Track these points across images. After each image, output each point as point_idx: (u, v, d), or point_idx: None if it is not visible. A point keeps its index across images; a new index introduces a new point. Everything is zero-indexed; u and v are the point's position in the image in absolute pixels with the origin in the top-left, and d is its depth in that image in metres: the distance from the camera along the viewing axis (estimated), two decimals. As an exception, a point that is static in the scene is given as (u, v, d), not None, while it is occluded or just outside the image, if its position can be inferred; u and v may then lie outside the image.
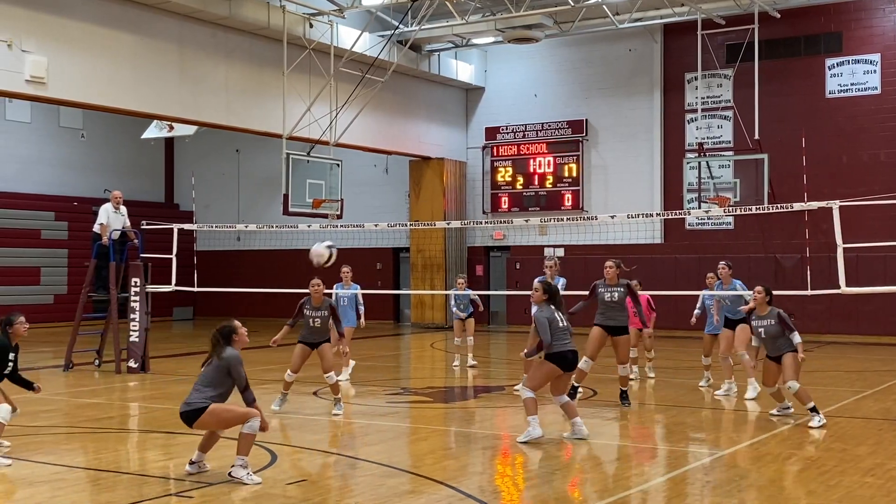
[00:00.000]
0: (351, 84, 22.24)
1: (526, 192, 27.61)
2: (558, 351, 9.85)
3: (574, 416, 10.09)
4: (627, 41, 26.25)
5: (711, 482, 8.26)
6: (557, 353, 9.85)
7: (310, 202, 21.83)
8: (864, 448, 9.55)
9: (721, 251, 24.78)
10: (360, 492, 7.82)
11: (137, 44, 19.40)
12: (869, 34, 23.77)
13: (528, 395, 9.91)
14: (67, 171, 30.59)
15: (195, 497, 7.55)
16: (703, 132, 24.46)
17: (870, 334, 22.46)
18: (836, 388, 14.43)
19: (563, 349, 9.86)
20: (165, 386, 14.77)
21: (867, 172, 23.33)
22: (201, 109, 20.96)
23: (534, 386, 9.97)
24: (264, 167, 30.58)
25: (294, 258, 29.79)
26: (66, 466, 8.81)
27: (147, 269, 16.97)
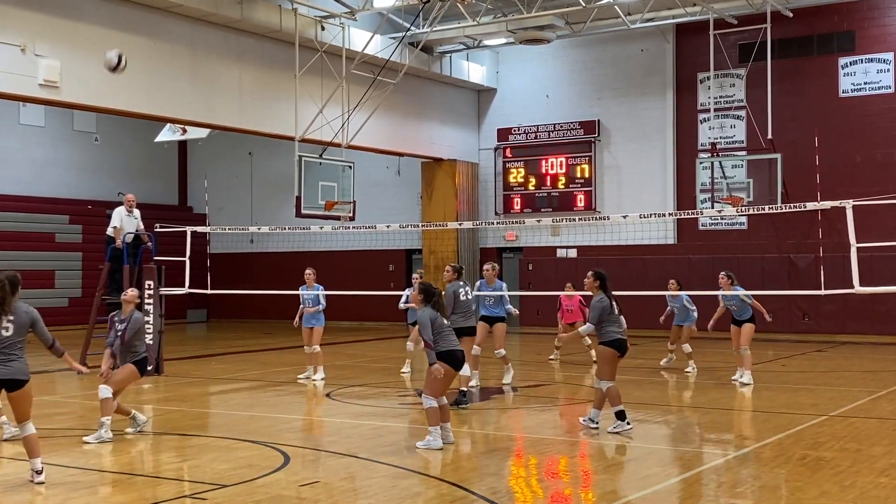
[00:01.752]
0: (363, 86, 22.27)
1: (538, 192, 27.59)
2: (446, 349, 9.75)
3: (446, 421, 9.89)
4: (639, 41, 26.20)
5: (725, 483, 8.23)
6: (445, 350, 9.75)
7: (322, 204, 21.86)
8: (878, 448, 9.50)
9: (734, 251, 24.77)
10: (373, 493, 7.83)
11: (150, 47, 19.46)
12: (882, 33, 23.67)
13: (431, 403, 9.72)
14: (81, 174, 30.72)
15: (209, 499, 7.57)
16: (716, 132, 24.39)
17: (884, 334, 22.35)
18: (851, 388, 14.37)
19: (450, 347, 9.80)
20: (179, 388, 14.82)
21: (881, 172, 23.23)
22: (214, 112, 21.01)
23: (435, 393, 9.75)
24: (277, 169, 30.63)
25: (307, 260, 29.83)
26: (80, 469, 8.84)
27: (160, 272, 17.03)
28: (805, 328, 23.77)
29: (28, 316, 8.22)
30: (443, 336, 9.80)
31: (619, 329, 10.64)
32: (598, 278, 10.64)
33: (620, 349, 10.55)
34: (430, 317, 9.78)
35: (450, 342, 9.83)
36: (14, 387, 8.09)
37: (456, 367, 9.89)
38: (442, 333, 9.80)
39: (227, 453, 9.49)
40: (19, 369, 8.08)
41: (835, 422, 11.15)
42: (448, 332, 9.87)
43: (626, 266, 24.62)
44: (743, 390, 14.04)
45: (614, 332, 10.54)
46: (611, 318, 10.52)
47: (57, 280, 29.17)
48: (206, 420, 12.13)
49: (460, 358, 9.94)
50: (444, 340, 9.79)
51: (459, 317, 12.47)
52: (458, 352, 9.93)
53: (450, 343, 9.83)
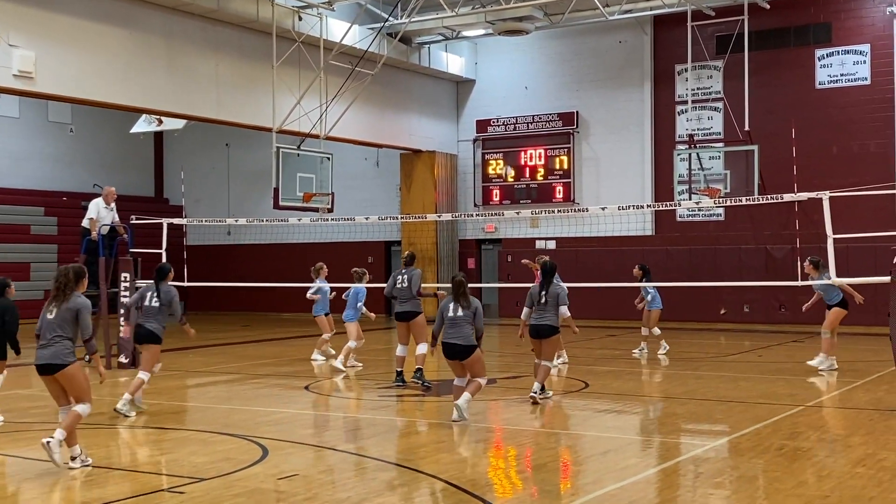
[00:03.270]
0: (341, 77, 22.18)
1: (517, 184, 27.59)
2: (443, 340, 10.59)
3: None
4: (618, 33, 26.23)
5: (704, 473, 8.26)
6: (442, 341, 10.60)
7: (300, 196, 21.78)
8: (855, 438, 9.57)
9: (712, 242, 24.89)
10: (352, 486, 7.81)
11: (126, 38, 19.31)
12: (858, 25, 23.79)
13: (455, 382, 10.72)
14: (56, 165, 30.47)
15: (186, 492, 7.52)
16: (694, 124, 24.46)
17: (860, 325, 22.49)
18: (828, 378, 14.46)
19: (445, 339, 10.55)
20: (156, 381, 14.71)
21: (857, 163, 23.37)
22: (190, 103, 20.87)
23: (455, 372, 10.69)
24: (254, 161, 30.48)
25: (285, 252, 29.78)
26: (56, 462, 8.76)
27: (137, 264, 16.91)
28: (782, 319, 23.91)
29: (75, 305, 8.51)
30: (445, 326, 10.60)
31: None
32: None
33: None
34: (441, 307, 10.66)
35: (446, 334, 10.55)
36: (48, 371, 8.43)
37: (446, 356, 10.60)
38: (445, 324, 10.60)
39: (205, 447, 9.44)
40: (55, 353, 8.38)
41: (812, 412, 11.22)
42: (449, 322, 10.55)
43: (605, 257, 24.68)
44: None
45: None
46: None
47: (32, 272, 28.91)
48: (183, 413, 12.07)
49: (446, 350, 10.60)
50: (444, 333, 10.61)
51: (397, 302, 13.80)
52: (445, 343, 10.58)
53: (445, 335, 10.55)
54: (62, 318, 8.46)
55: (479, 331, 10.50)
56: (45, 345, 8.44)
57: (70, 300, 8.52)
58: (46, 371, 8.47)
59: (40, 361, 8.46)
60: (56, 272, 8.72)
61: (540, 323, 11.70)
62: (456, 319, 10.44)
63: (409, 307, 13.61)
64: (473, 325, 10.46)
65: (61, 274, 8.64)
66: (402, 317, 13.65)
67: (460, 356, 10.45)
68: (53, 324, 8.45)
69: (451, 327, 10.46)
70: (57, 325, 8.44)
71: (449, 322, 10.48)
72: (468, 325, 10.42)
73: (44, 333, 8.48)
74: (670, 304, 24.16)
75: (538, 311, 11.70)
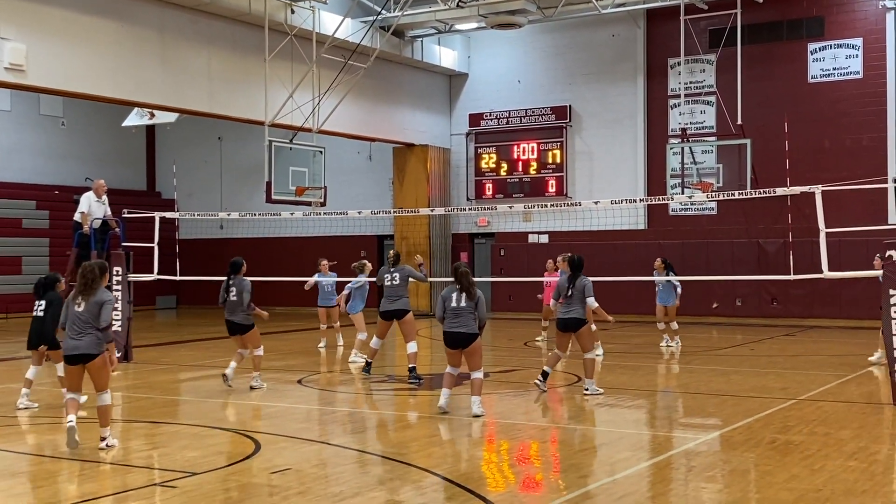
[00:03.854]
0: (333, 71, 22.14)
1: (510, 178, 27.58)
2: (444, 330, 10.62)
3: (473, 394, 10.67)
4: (611, 27, 26.21)
5: (696, 467, 8.28)
6: (444, 331, 10.63)
7: (293, 190, 21.74)
8: (847, 432, 9.59)
9: (704, 237, 24.92)
10: (345, 480, 7.80)
11: (117, 31, 19.23)
12: (851, 19, 23.81)
13: (448, 370, 10.79)
14: (48, 159, 30.37)
15: (179, 487, 7.51)
16: (687, 118, 24.46)
17: (852, 318, 22.56)
18: (820, 372, 14.51)
19: (447, 328, 10.57)
20: (149, 375, 14.70)
21: (850, 157, 23.41)
22: (182, 97, 20.81)
23: (449, 362, 10.76)
24: (247, 155, 30.43)
25: (278, 246, 29.74)
26: (48, 457, 8.75)
27: (129, 258, 16.87)
28: (774, 312, 23.96)
29: (101, 299, 8.96)
30: (446, 315, 10.56)
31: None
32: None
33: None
34: (443, 295, 10.67)
35: (448, 323, 10.53)
36: (80, 360, 8.90)
37: (448, 345, 10.60)
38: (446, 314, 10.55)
39: (197, 441, 9.43)
40: (88, 345, 8.85)
41: (804, 405, 11.25)
42: (451, 312, 10.51)
43: (598, 251, 24.68)
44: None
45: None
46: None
47: (24, 266, 28.84)
48: (176, 407, 12.05)
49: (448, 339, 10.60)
50: (445, 321, 10.59)
51: (385, 300, 13.61)
52: (447, 333, 10.59)
53: (448, 324, 10.53)
54: (90, 311, 8.91)
55: (482, 320, 10.56)
56: (76, 336, 8.89)
57: (97, 294, 8.97)
58: (77, 361, 8.93)
59: (73, 352, 8.90)
60: (81, 268, 9.12)
61: (567, 316, 11.83)
62: (459, 309, 10.45)
63: (399, 305, 13.57)
64: (476, 315, 10.47)
65: (87, 270, 9.06)
66: (391, 315, 13.57)
67: (463, 345, 10.47)
68: (83, 316, 8.89)
69: (454, 317, 10.46)
70: (87, 318, 8.89)
71: (452, 312, 10.47)
72: (471, 314, 10.45)
73: (72, 325, 8.92)
74: (663, 297, 24.34)
75: (565, 305, 11.83)
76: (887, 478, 7.92)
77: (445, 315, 10.52)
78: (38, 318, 11.20)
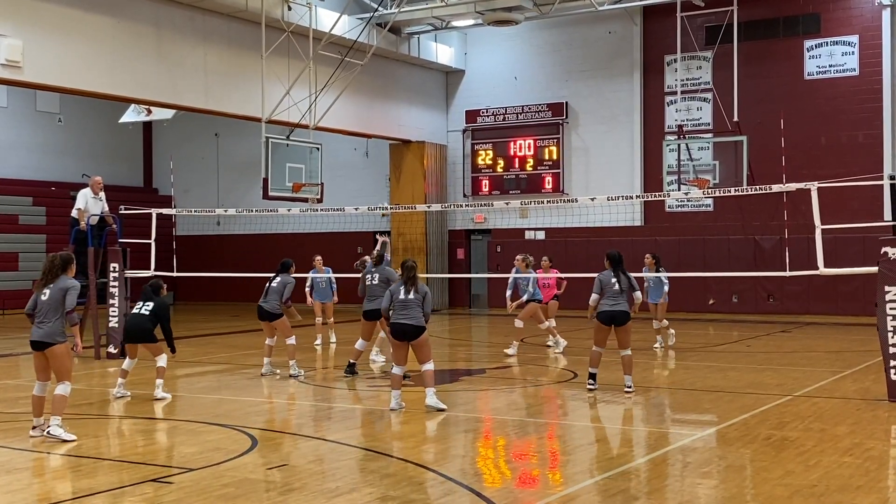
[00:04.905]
0: (330, 67, 22.13)
1: (507, 175, 27.60)
2: (391, 321, 10.75)
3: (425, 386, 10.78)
4: (607, 23, 26.22)
5: (692, 463, 8.30)
6: (390, 322, 10.76)
7: (290, 186, 21.74)
8: (842, 428, 9.61)
9: (701, 233, 24.96)
10: (341, 476, 7.82)
11: (114, 27, 19.22)
12: (847, 16, 23.83)
13: (394, 370, 10.85)
14: (45, 155, 30.34)
15: (175, 483, 7.52)
16: (683, 114, 24.49)
17: (848, 315, 22.61)
18: (815, 368, 14.53)
19: (394, 320, 10.70)
20: (145, 371, 14.69)
21: (846, 154, 23.44)
22: (179, 93, 20.80)
23: (394, 360, 10.87)
24: (244, 151, 30.42)
25: (274, 242, 29.74)
26: (45, 453, 8.76)
27: (126, 255, 16.86)
28: (770, 309, 24.00)
29: (65, 285, 9.18)
30: (394, 307, 10.75)
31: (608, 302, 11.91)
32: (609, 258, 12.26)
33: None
34: (392, 290, 10.86)
35: (397, 314, 10.68)
36: (42, 347, 9.09)
37: (395, 336, 10.75)
38: (394, 306, 10.74)
39: (194, 437, 9.44)
40: (48, 332, 9.05)
41: (799, 402, 11.27)
42: (400, 305, 10.69)
43: (594, 248, 24.67)
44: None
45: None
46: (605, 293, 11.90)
47: (21, 262, 28.82)
48: (172, 403, 12.04)
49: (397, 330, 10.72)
50: (394, 313, 10.74)
51: (366, 300, 13.68)
52: (397, 324, 10.71)
53: (396, 315, 10.68)
54: (55, 298, 9.12)
55: (427, 315, 10.77)
56: (40, 324, 9.10)
57: (59, 281, 9.20)
58: (38, 347, 9.16)
59: (34, 338, 9.13)
60: (48, 259, 9.41)
61: (615, 309, 11.85)
62: (407, 302, 10.67)
63: (377, 305, 13.44)
64: (422, 309, 10.68)
65: (49, 260, 9.38)
66: (373, 315, 13.49)
67: (410, 336, 10.65)
68: (47, 305, 9.10)
69: (401, 309, 10.67)
70: (51, 306, 9.10)
71: (400, 304, 10.69)
72: (418, 307, 10.66)
73: (39, 313, 9.13)
74: (659, 294, 24.34)
75: (612, 298, 11.84)
76: (882, 473, 7.94)
77: (393, 307, 10.73)
78: (137, 315, 11.90)
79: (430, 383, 10.72)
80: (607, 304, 11.87)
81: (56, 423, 9.02)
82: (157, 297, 11.97)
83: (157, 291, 12.06)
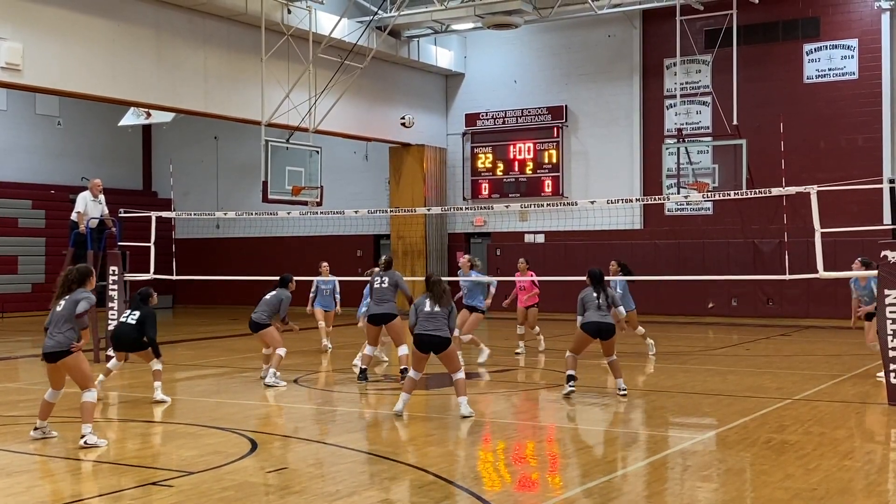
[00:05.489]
0: (330, 70, 22.14)
1: (506, 178, 27.61)
2: (416, 332, 10.69)
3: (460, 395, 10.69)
4: (607, 27, 26.24)
5: (692, 466, 8.29)
6: (415, 333, 10.71)
7: (289, 189, 21.74)
8: (842, 431, 9.61)
9: (700, 237, 24.96)
10: (341, 479, 7.81)
11: (114, 30, 19.23)
12: (846, 19, 23.86)
13: (410, 374, 10.84)
14: (44, 158, 30.35)
15: (175, 486, 7.52)
16: (682, 118, 24.50)
17: (847, 318, 22.54)
18: (815, 371, 14.53)
19: (421, 331, 10.63)
20: (144, 375, 14.68)
21: (845, 157, 23.45)
22: (178, 96, 20.81)
23: (413, 366, 10.86)
24: (243, 154, 30.42)
25: (274, 245, 29.74)
26: (44, 456, 8.75)
27: (125, 258, 16.86)
28: (769, 312, 24.00)
29: (78, 297, 9.14)
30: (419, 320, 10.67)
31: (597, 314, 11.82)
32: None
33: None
34: (416, 303, 10.80)
35: (421, 326, 10.60)
36: (54, 358, 9.03)
37: (420, 348, 10.62)
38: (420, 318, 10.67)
39: (193, 440, 9.44)
40: (59, 342, 8.98)
41: (799, 405, 11.27)
42: (425, 317, 10.63)
43: (594, 251, 24.70)
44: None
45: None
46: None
47: (20, 266, 28.83)
48: (172, 407, 12.04)
49: (424, 341, 10.59)
50: (418, 325, 10.65)
51: (373, 303, 13.53)
52: (423, 335, 10.60)
53: (421, 328, 10.60)
54: (68, 309, 9.11)
55: (451, 328, 10.78)
56: (52, 334, 9.05)
57: (74, 293, 9.17)
58: (51, 359, 9.09)
59: (46, 350, 9.07)
60: (65, 272, 9.39)
61: (605, 321, 11.85)
62: (434, 314, 10.61)
63: (386, 309, 13.39)
64: (447, 322, 10.64)
65: (69, 272, 9.37)
66: (379, 319, 13.38)
67: (437, 348, 10.57)
68: (61, 316, 9.09)
69: (428, 321, 10.60)
70: (64, 317, 9.07)
71: (425, 316, 10.63)
72: (444, 319, 10.61)
73: (52, 325, 9.11)
74: (658, 298, 24.35)
75: (598, 311, 11.82)
76: (882, 477, 7.94)
77: (418, 319, 10.70)
78: (124, 324, 11.90)
79: (462, 392, 10.61)
80: (596, 316, 11.81)
81: (89, 432, 8.96)
82: (146, 307, 11.87)
83: (145, 300, 11.96)
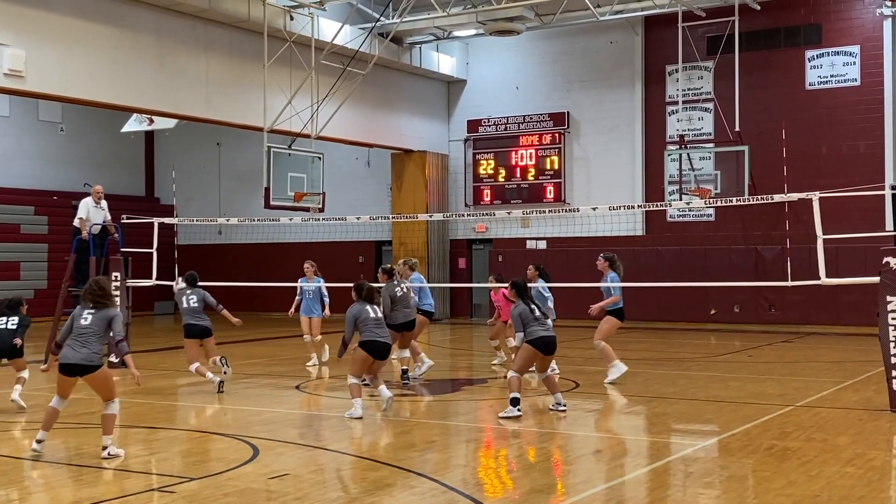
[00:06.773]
0: (332, 77, 22.17)
1: (508, 184, 27.62)
2: (366, 339, 10.99)
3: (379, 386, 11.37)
4: (609, 33, 26.27)
5: (693, 473, 8.29)
6: (365, 341, 11.00)
7: (291, 195, 21.74)
8: (844, 438, 9.60)
9: (702, 243, 24.95)
10: (343, 485, 7.81)
11: (116, 36, 19.26)
12: (848, 26, 23.87)
13: (352, 381, 11.05)
14: (47, 164, 30.37)
15: (177, 492, 7.52)
16: (685, 124, 24.51)
17: (850, 325, 22.59)
18: (817, 378, 14.52)
19: (370, 338, 10.97)
20: (147, 381, 14.66)
21: (847, 164, 23.45)
22: (181, 103, 20.83)
23: (355, 373, 11.09)
24: (245, 160, 30.44)
25: (276, 252, 29.73)
26: (47, 462, 8.75)
27: (128, 264, 16.87)
28: (772, 319, 23.98)
29: (109, 314, 9.03)
30: (364, 328, 11.04)
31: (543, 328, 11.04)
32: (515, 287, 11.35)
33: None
34: (354, 313, 11.09)
35: (372, 333, 11.02)
36: (84, 371, 8.84)
37: (375, 355, 11.06)
38: (363, 326, 11.04)
39: (195, 446, 9.44)
40: (87, 356, 8.81)
41: (801, 412, 11.26)
42: (373, 323, 11.08)
43: (596, 258, 24.65)
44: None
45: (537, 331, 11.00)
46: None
47: (23, 272, 28.83)
48: (173, 413, 12.05)
49: (378, 347, 11.05)
50: (366, 333, 11.03)
51: (400, 313, 13.44)
52: (377, 342, 11.04)
53: (372, 334, 11.01)
54: (97, 325, 8.93)
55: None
56: (76, 348, 8.84)
57: (104, 309, 9.02)
58: (73, 371, 8.86)
59: (71, 361, 8.83)
60: (93, 282, 9.22)
61: (551, 334, 11.05)
62: (380, 320, 11.22)
63: (411, 316, 13.69)
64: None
65: (97, 285, 9.14)
66: (406, 327, 13.55)
67: (385, 355, 11.23)
68: (88, 329, 8.90)
69: (377, 327, 11.12)
70: (91, 331, 8.90)
71: (374, 323, 11.09)
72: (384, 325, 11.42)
73: (74, 338, 8.88)
74: (660, 304, 24.37)
75: (541, 324, 10.93)
76: (884, 484, 7.93)
77: (367, 326, 11.10)
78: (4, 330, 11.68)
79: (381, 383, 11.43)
80: (542, 331, 10.90)
81: (111, 443, 8.88)
82: (22, 314, 11.79)
83: (18, 307, 11.90)
